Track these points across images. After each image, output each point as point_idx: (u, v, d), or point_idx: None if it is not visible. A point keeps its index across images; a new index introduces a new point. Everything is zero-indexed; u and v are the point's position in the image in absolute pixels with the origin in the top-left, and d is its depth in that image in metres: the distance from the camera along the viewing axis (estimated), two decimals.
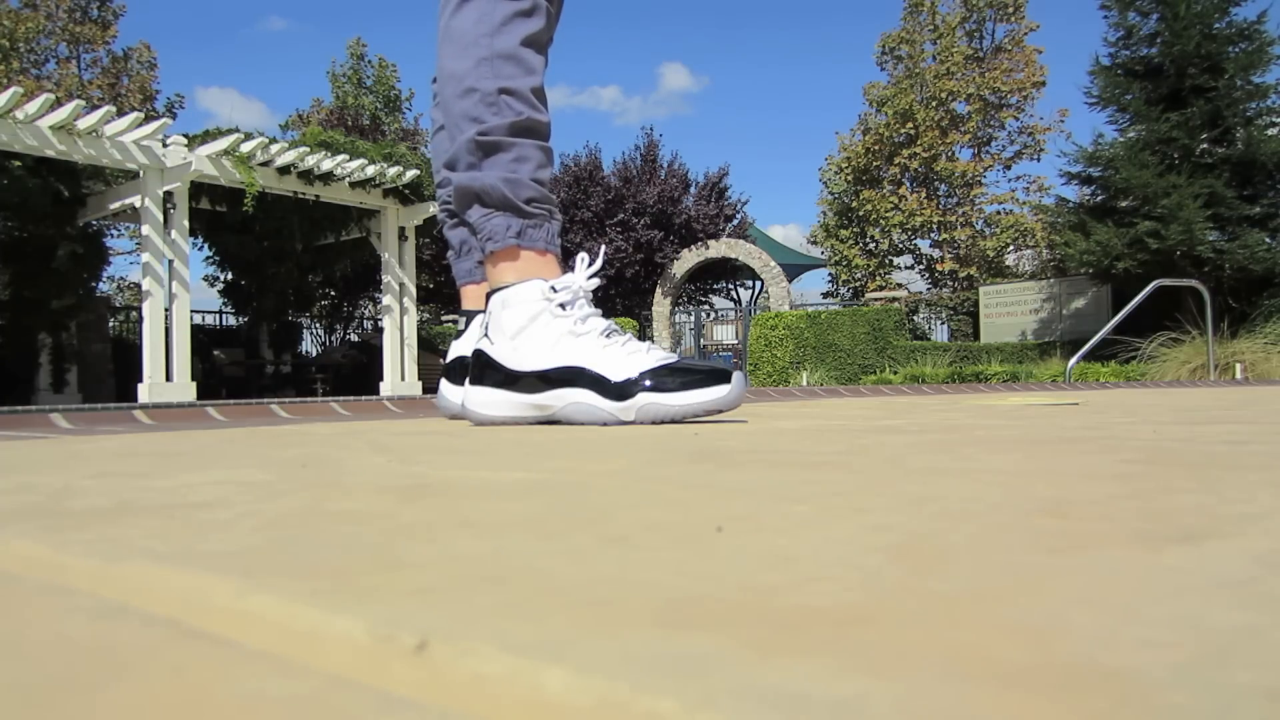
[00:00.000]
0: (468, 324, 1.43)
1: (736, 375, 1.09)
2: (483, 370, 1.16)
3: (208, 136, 7.20)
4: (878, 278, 18.21)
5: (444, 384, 1.42)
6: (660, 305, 14.50)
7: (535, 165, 1.20)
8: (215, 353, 9.90)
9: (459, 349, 1.41)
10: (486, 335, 1.17)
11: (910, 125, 17.78)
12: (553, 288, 1.14)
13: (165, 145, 6.85)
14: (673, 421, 1.08)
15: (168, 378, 6.88)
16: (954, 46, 17.87)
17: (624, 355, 1.10)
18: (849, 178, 18.78)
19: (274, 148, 7.34)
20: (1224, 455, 0.59)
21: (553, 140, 1.43)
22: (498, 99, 1.17)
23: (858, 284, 18.60)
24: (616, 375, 1.09)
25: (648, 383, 1.08)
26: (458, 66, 1.19)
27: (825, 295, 19.90)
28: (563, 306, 1.13)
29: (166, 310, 6.97)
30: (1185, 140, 10.47)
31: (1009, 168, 18.72)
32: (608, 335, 1.13)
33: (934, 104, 17.80)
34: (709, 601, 0.22)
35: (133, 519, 0.37)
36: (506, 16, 1.19)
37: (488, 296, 1.18)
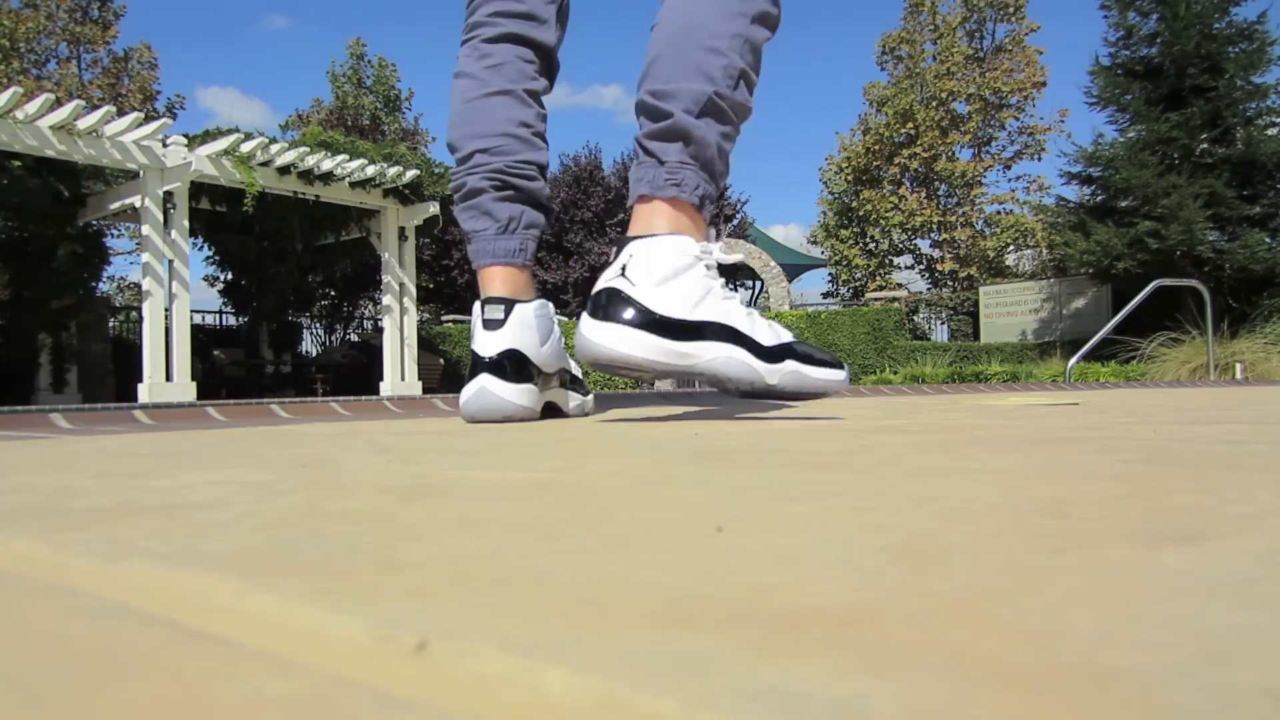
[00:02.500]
0: (508, 313, 1.24)
1: (845, 365, 1.17)
2: (619, 307, 1.08)
3: (208, 136, 7.20)
4: (878, 278, 18.20)
5: (492, 380, 1.21)
6: None
7: (729, 153, 1.20)
8: (215, 353, 9.90)
9: (503, 342, 1.22)
10: (624, 275, 1.09)
11: (910, 125, 17.77)
12: (703, 249, 1.12)
13: (165, 145, 6.85)
14: (806, 394, 1.14)
15: (168, 378, 6.87)
16: (954, 46, 17.86)
17: (766, 326, 1.12)
18: (849, 178, 18.77)
19: (274, 148, 7.34)
20: (1224, 455, 0.59)
21: (551, 139, 1.42)
22: (739, 80, 1.16)
23: (858, 284, 18.59)
24: (767, 340, 1.10)
25: (795, 351, 1.11)
26: (714, 25, 1.16)
27: (825, 295, 19.89)
28: (707, 269, 1.12)
29: (166, 310, 6.96)
30: (1185, 140, 10.47)
31: (1009, 168, 18.72)
32: (746, 305, 1.16)
33: (934, 104, 17.79)
34: (709, 601, 0.22)
35: (133, 519, 0.37)
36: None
37: (623, 242, 1.13)
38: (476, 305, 1.26)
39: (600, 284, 1.10)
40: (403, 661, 0.18)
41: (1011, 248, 18.02)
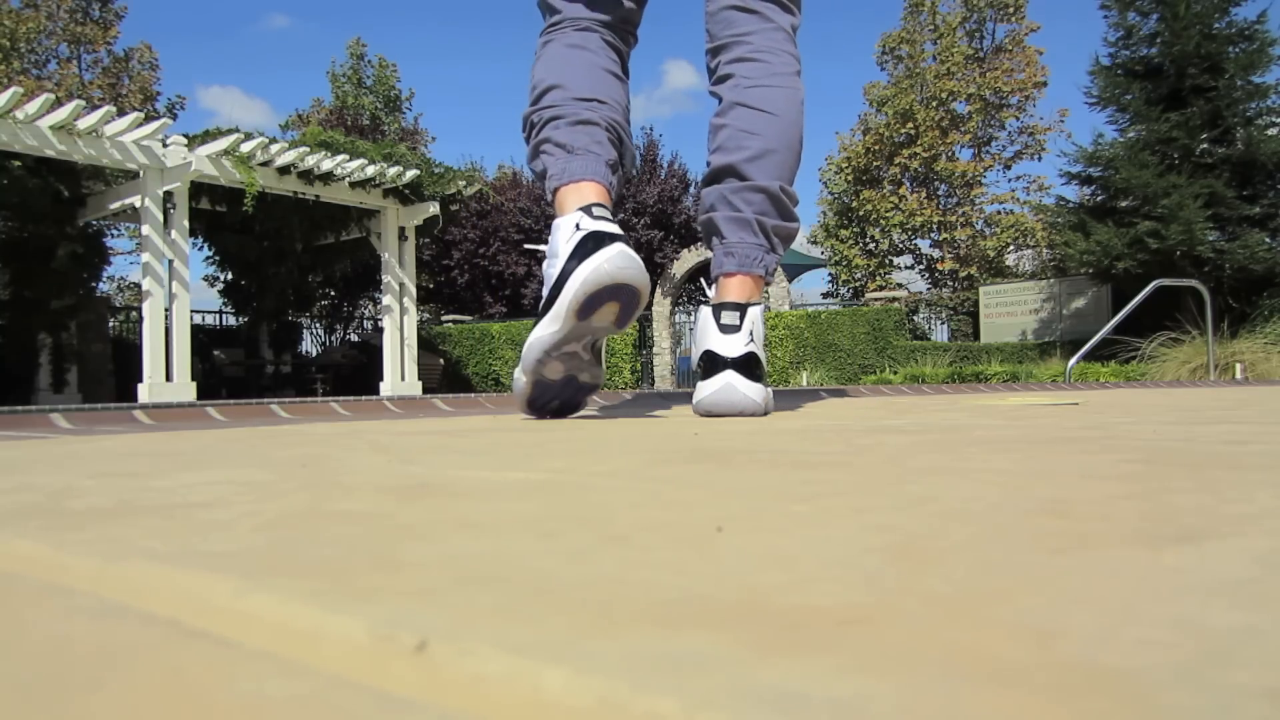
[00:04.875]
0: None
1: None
2: (759, 370, 1.31)
3: (208, 136, 7.19)
4: (878, 278, 18.18)
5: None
6: (660, 305, 14.50)
7: None
8: (215, 353, 9.90)
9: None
10: (754, 341, 1.30)
11: (910, 125, 17.76)
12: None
13: (165, 145, 6.85)
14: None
15: (168, 378, 6.87)
16: (954, 46, 17.84)
17: None
18: (849, 178, 18.76)
19: (274, 148, 7.34)
20: (1224, 455, 0.59)
21: None
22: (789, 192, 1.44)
23: (858, 284, 18.58)
24: None
25: None
26: (800, 130, 1.44)
27: (825, 295, 19.88)
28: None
29: (166, 310, 6.96)
30: (1185, 140, 10.46)
31: (1009, 168, 18.70)
32: None
33: (934, 104, 17.78)
34: (709, 601, 0.22)
35: (133, 519, 0.37)
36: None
37: (742, 309, 1.31)
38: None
39: (739, 346, 1.29)
40: (403, 661, 0.18)
41: (1011, 248, 18.01)
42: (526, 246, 1.52)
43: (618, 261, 1.18)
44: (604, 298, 1.18)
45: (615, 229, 1.22)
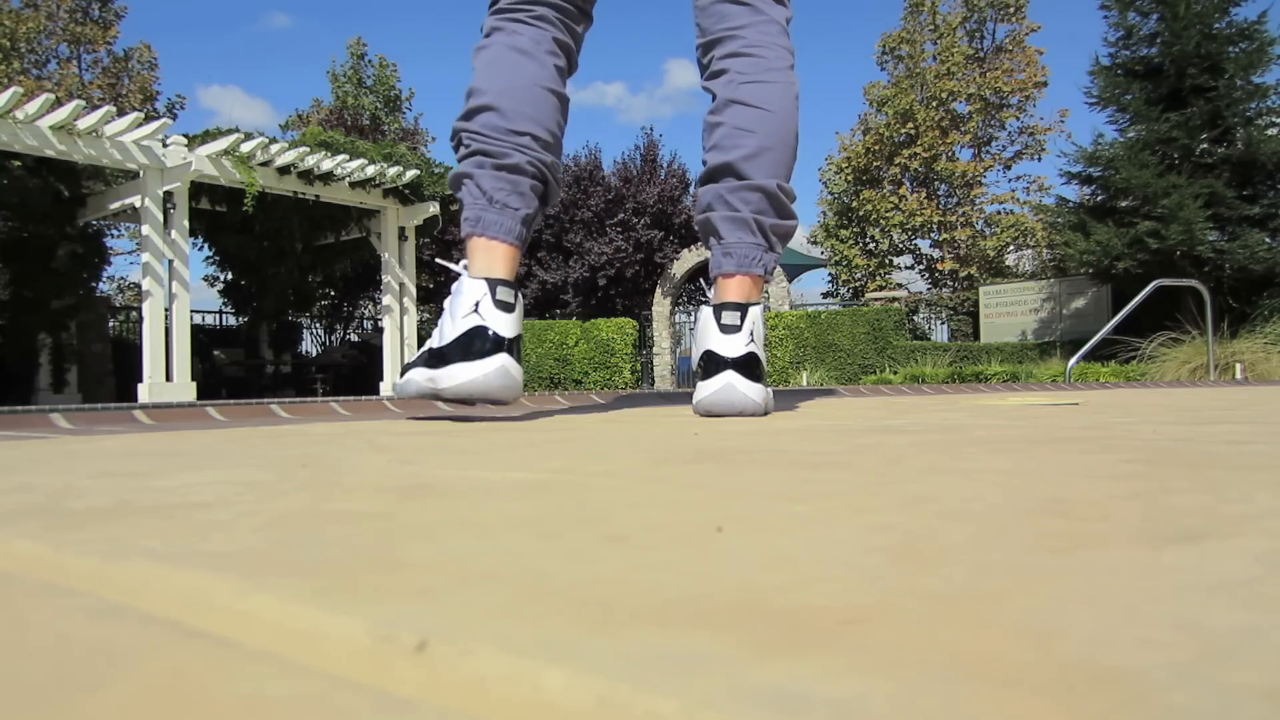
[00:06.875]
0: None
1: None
2: (758, 370, 1.31)
3: (208, 136, 7.20)
4: (878, 278, 18.18)
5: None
6: (660, 305, 14.50)
7: None
8: (215, 353, 9.90)
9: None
10: (754, 341, 1.31)
11: (910, 125, 17.76)
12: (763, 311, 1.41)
13: (165, 145, 6.85)
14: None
15: (168, 378, 6.87)
16: (954, 46, 17.84)
17: None
18: (849, 178, 18.76)
19: (274, 148, 7.34)
20: (1224, 455, 0.59)
21: None
22: (785, 191, 1.43)
23: (858, 284, 18.58)
24: None
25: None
26: (796, 124, 1.43)
27: (825, 295, 19.88)
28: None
29: (166, 310, 6.97)
30: (1185, 140, 10.46)
31: (1009, 168, 18.70)
32: None
33: (934, 104, 17.78)
34: (709, 601, 0.22)
35: (133, 519, 0.37)
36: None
37: (742, 309, 1.31)
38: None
39: (740, 346, 1.29)
40: (403, 661, 0.18)
41: (1011, 248, 18.00)
42: (438, 263, 1.52)
43: (494, 380, 1.23)
44: (476, 401, 1.26)
45: (508, 321, 1.25)
